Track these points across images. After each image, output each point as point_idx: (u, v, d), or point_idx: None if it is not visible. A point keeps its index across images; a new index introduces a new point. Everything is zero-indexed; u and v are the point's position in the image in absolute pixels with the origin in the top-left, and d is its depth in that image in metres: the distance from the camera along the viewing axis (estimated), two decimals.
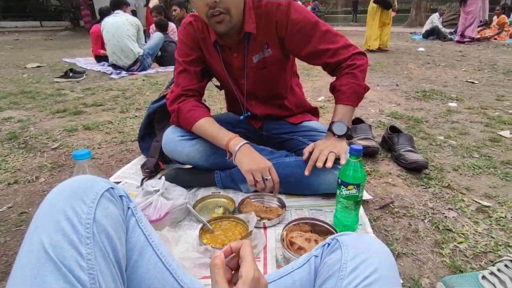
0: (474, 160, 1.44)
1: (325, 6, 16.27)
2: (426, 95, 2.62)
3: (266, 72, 1.12)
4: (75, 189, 0.50)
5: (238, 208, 1.05)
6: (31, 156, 1.54)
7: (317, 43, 1.03)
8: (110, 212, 0.51)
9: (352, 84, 1.03)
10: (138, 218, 0.56)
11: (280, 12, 1.00)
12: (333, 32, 1.05)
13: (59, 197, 0.49)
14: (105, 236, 0.48)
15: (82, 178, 0.53)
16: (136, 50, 3.73)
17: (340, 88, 1.05)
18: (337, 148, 0.99)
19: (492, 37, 7.07)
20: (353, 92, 1.03)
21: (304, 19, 1.01)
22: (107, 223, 0.49)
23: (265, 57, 1.08)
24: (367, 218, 1.02)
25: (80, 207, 0.48)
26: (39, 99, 2.61)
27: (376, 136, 1.69)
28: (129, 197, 0.57)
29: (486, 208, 1.08)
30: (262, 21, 1.02)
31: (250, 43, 1.05)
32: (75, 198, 0.48)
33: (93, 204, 0.49)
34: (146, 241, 0.56)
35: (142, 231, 0.56)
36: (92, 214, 0.48)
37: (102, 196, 0.50)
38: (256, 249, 0.85)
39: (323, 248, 0.59)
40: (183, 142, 1.13)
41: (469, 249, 0.89)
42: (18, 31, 12.36)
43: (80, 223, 0.46)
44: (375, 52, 5.37)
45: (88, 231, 0.46)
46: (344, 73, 1.05)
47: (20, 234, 0.98)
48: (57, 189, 0.51)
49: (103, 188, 0.51)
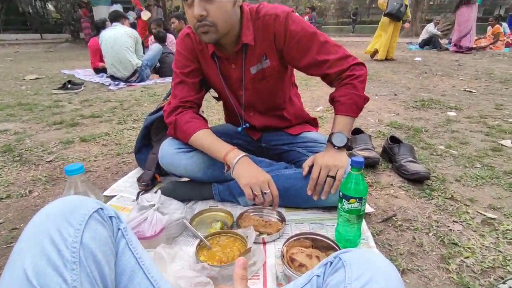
0: (477, 170, 1.42)
1: (322, 17, 16.53)
2: (425, 104, 2.61)
3: (264, 83, 1.10)
4: (63, 211, 0.48)
5: (236, 222, 1.02)
6: (26, 169, 1.50)
7: (315, 54, 1.02)
8: (99, 234, 0.48)
9: (352, 95, 1.01)
10: (128, 240, 0.54)
11: (278, 24, 0.99)
12: (332, 43, 1.05)
13: (46, 219, 0.47)
14: (93, 260, 0.46)
15: (71, 199, 0.51)
16: (134, 62, 3.75)
17: (339, 99, 1.03)
18: (336, 162, 0.97)
19: (487, 47, 7.16)
20: (352, 103, 1.02)
21: (302, 30, 1.00)
22: (95, 246, 0.47)
23: (263, 68, 1.07)
24: (370, 231, 0.99)
25: (67, 230, 0.45)
26: (36, 111, 2.59)
27: (376, 147, 1.67)
28: (120, 217, 0.54)
29: (491, 220, 1.06)
30: (260, 33, 1.02)
31: (247, 54, 1.04)
32: (62, 220, 0.46)
33: (81, 226, 0.47)
34: (137, 264, 0.53)
35: (132, 254, 0.53)
36: (79, 237, 0.45)
37: (90, 218, 0.48)
38: (255, 266, 0.82)
39: (325, 267, 0.56)
40: (180, 154, 1.11)
41: (476, 264, 0.86)
42: (19, 43, 12.45)
43: (66, 247, 0.44)
44: (383, 62, 5.45)
45: (75, 255, 0.44)
46: (343, 83, 1.03)
47: (10, 251, 0.94)
48: (44, 210, 0.48)
49: (92, 209, 0.50)
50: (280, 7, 1.02)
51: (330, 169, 0.96)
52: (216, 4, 0.87)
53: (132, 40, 3.71)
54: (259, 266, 0.83)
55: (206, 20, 0.88)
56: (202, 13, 0.86)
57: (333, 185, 0.97)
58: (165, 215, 0.92)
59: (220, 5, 0.88)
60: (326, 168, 0.97)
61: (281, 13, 0.99)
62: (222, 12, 0.89)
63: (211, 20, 0.88)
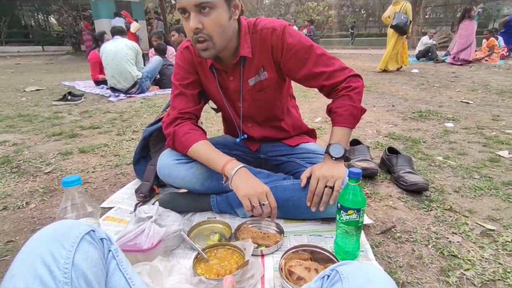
0: (475, 181, 1.42)
1: (320, 30, 16.86)
2: (422, 115, 2.63)
3: (262, 95, 1.12)
4: (55, 234, 0.50)
5: (234, 234, 1.01)
6: (23, 181, 1.50)
7: (312, 66, 1.04)
8: (90, 255, 0.50)
9: (349, 106, 1.02)
10: (119, 261, 0.55)
11: (275, 37, 1.01)
12: (328, 55, 1.06)
13: (38, 243, 0.48)
14: (84, 280, 0.47)
15: (63, 222, 0.53)
16: (134, 74, 3.78)
17: (336, 110, 1.04)
18: (334, 172, 0.97)
19: (483, 59, 7.27)
20: (349, 114, 1.03)
21: (299, 43, 1.02)
22: (86, 267, 0.48)
23: (261, 80, 1.09)
24: (369, 243, 0.98)
25: (59, 252, 0.47)
26: (36, 122, 2.60)
27: (375, 157, 1.67)
28: (111, 239, 0.56)
29: (491, 232, 1.05)
30: (257, 45, 1.04)
31: (245, 66, 1.06)
32: (54, 243, 0.48)
33: (72, 248, 0.48)
34: (127, 285, 0.54)
35: (122, 274, 0.55)
36: (71, 258, 0.47)
37: (82, 240, 0.50)
38: (253, 279, 0.81)
39: (323, 281, 0.55)
40: (179, 165, 1.11)
41: (476, 276, 0.85)
42: (20, 55, 12.59)
43: (58, 268, 0.45)
44: (380, 73, 5.61)
45: (66, 276, 0.45)
46: (340, 95, 1.05)
47: (5, 265, 0.93)
48: (37, 235, 0.50)
49: (84, 231, 0.51)
50: (277, 21, 1.04)
51: (328, 180, 0.96)
52: (211, 17, 0.89)
53: (133, 52, 3.77)
54: (257, 279, 0.82)
55: (201, 33, 0.90)
56: (198, 25, 0.88)
57: (332, 196, 0.96)
58: (163, 227, 0.92)
59: (216, 18, 0.89)
60: (324, 179, 0.97)
61: (278, 26, 1.01)
62: (217, 25, 0.90)
63: (206, 33, 0.90)
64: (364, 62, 8.02)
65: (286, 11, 26.96)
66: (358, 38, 20.41)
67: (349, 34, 22.04)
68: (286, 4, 27.69)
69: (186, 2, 0.86)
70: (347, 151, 1.02)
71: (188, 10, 0.88)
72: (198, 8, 0.87)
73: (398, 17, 5.34)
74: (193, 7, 0.86)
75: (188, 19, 0.89)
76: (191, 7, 0.87)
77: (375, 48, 16.94)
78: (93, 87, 4.47)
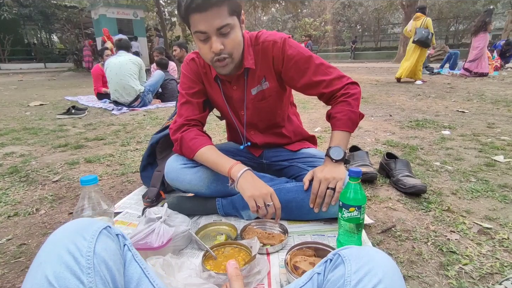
0: (472, 184, 1.46)
1: (317, 45, 17.26)
2: (419, 124, 2.70)
3: (264, 103, 1.18)
4: (76, 228, 0.54)
5: (240, 235, 1.05)
6: (32, 189, 1.54)
7: (311, 75, 1.10)
8: (109, 246, 0.55)
9: (347, 111, 1.08)
10: (134, 253, 0.60)
11: (276, 49, 1.08)
12: (326, 64, 1.13)
13: (62, 236, 0.53)
14: (105, 267, 0.51)
15: (81, 220, 0.58)
16: (137, 88, 3.87)
17: (335, 115, 1.10)
18: (335, 174, 1.02)
19: None
20: (348, 119, 1.08)
21: (298, 54, 1.09)
22: (106, 255, 0.53)
23: (263, 89, 1.15)
24: (370, 242, 1.01)
25: (81, 242, 0.52)
26: (41, 135, 2.65)
27: (374, 163, 1.72)
28: (124, 235, 0.61)
29: (488, 230, 1.09)
30: (259, 57, 1.10)
31: (249, 77, 1.12)
32: (76, 235, 0.53)
33: (93, 239, 0.53)
34: (143, 273, 0.59)
35: (138, 264, 0.59)
36: (92, 248, 0.52)
37: (100, 233, 0.55)
38: (260, 275, 0.84)
39: (326, 264, 0.59)
40: (185, 170, 1.15)
41: (474, 270, 0.89)
42: (23, 72, 12.80)
43: (81, 255, 0.50)
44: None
45: (89, 262, 0.50)
46: (339, 101, 1.11)
47: (19, 266, 0.96)
48: (59, 229, 0.55)
49: (101, 227, 0.56)
50: (278, 34, 1.11)
51: (329, 181, 1.01)
52: (231, 37, 0.95)
53: (136, 67, 3.87)
54: (263, 274, 0.85)
55: (223, 53, 0.96)
56: (221, 47, 0.94)
57: (333, 197, 1.01)
58: (172, 227, 0.95)
59: (234, 37, 0.96)
60: (325, 181, 1.01)
61: (279, 39, 1.08)
62: (236, 43, 0.97)
63: (228, 52, 0.96)
64: (361, 75, 8.18)
65: (284, 27, 27.61)
66: (356, 52, 20.85)
67: (347, 49, 22.54)
68: (283, 20, 28.38)
69: (207, 26, 0.91)
70: (346, 153, 1.07)
71: (209, 34, 0.93)
72: (220, 31, 0.92)
73: (419, 32, 5.70)
74: (215, 31, 0.92)
75: (206, 41, 0.95)
76: (213, 31, 0.92)
77: (371, 61, 17.27)
78: (96, 101, 4.56)
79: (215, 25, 0.90)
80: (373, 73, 8.89)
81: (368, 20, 25.70)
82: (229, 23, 0.92)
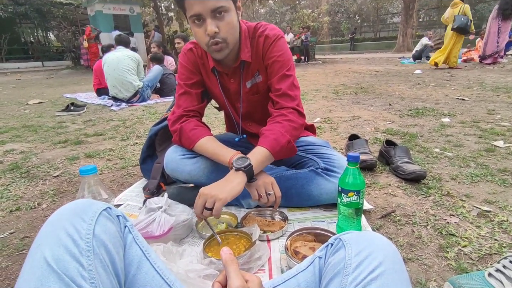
0: (471, 169, 1.46)
1: (316, 36, 17.11)
2: (419, 112, 2.69)
3: (258, 97, 1.18)
4: (75, 210, 0.53)
5: (240, 223, 1.06)
6: (33, 184, 1.55)
7: (276, 80, 1.08)
8: (108, 228, 0.54)
9: (277, 132, 1.02)
10: (135, 235, 0.59)
11: (266, 44, 1.09)
12: (295, 83, 1.11)
13: (60, 217, 0.52)
14: (105, 250, 0.51)
15: (81, 201, 0.57)
16: (135, 83, 3.86)
17: (264, 132, 1.04)
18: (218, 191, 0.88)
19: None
20: (274, 139, 1.01)
21: (280, 56, 1.08)
22: (105, 238, 0.52)
23: (257, 82, 1.15)
24: (370, 227, 1.02)
25: (80, 224, 0.51)
26: (40, 132, 2.65)
27: (374, 152, 1.72)
28: (125, 217, 0.60)
29: (487, 213, 1.09)
30: (254, 50, 1.10)
31: (244, 70, 1.12)
32: (75, 217, 0.52)
33: (92, 221, 0.52)
34: (143, 256, 0.58)
35: (139, 247, 0.59)
36: (92, 230, 0.51)
37: (100, 215, 0.54)
38: (261, 260, 0.85)
39: (327, 249, 0.59)
40: (185, 160, 1.16)
41: (473, 252, 0.89)
42: (21, 71, 12.76)
43: (81, 238, 0.49)
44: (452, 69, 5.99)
45: (88, 245, 0.49)
46: (276, 121, 1.06)
47: (22, 258, 0.97)
48: (58, 211, 0.54)
49: (101, 208, 0.55)
50: (274, 30, 1.10)
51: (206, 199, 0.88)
52: (226, 20, 0.94)
53: (134, 62, 3.85)
54: (264, 260, 0.86)
55: (218, 37, 0.95)
56: (216, 30, 0.93)
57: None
58: (173, 216, 0.96)
59: (229, 21, 0.95)
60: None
61: (272, 36, 1.08)
62: (231, 27, 0.97)
63: (222, 36, 0.96)
64: (360, 66, 8.14)
65: (282, 19, 27.37)
66: (354, 43, 20.72)
67: (345, 40, 22.37)
68: (281, 12, 28.12)
69: (202, 8, 0.90)
70: (251, 167, 0.95)
71: (204, 16, 0.92)
72: (214, 13, 0.92)
73: (458, 19, 5.68)
74: (210, 12, 0.91)
75: (201, 25, 0.94)
76: (207, 13, 0.91)
77: (370, 52, 17.16)
78: (95, 98, 4.54)
79: (209, 6, 0.90)
80: (372, 63, 8.84)
81: (367, 10, 25.46)
82: (224, 5, 0.92)
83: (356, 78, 5.59)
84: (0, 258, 0.98)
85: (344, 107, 3.14)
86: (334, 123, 2.50)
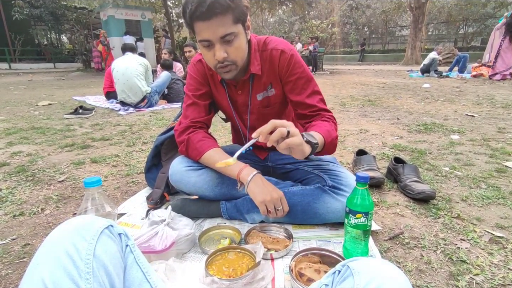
0: (482, 191, 1.42)
1: (324, 47, 17.17)
2: (428, 128, 2.65)
3: (269, 110, 1.18)
4: (76, 227, 0.52)
5: (244, 239, 1.03)
6: (38, 189, 1.54)
7: (306, 98, 1.10)
8: (109, 248, 0.53)
9: (330, 127, 1.04)
10: (136, 256, 0.58)
11: (284, 59, 1.08)
12: (321, 95, 1.13)
13: (61, 235, 0.51)
14: (104, 272, 0.49)
15: (83, 217, 0.56)
16: (144, 88, 3.89)
17: (316, 123, 1.05)
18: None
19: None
20: (327, 131, 1.00)
21: (303, 72, 1.09)
22: (106, 258, 0.51)
23: (269, 96, 1.15)
24: (377, 249, 0.99)
25: (81, 243, 0.50)
26: (48, 134, 2.67)
27: (381, 168, 1.69)
28: (128, 235, 0.59)
29: (499, 239, 1.05)
30: (267, 64, 1.10)
31: (254, 82, 1.12)
32: (76, 235, 0.50)
33: (93, 240, 0.51)
34: (144, 278, 0.57)
35: (140, 268, 0.57)
36: (92, 250, 0.50)
37: (102, 233, 0.53)
38: (264, 281, 0.82)
39: (334, 276, 0.57)
40: (190, 172, 1.14)
41: (486, 281, 0.86)
42: (32, 72, 12.99)
43: (80, 258, 0.48)
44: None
45: (88, 266, 0.48)
46: (325, 119, 1.08)
47: (23, 266, 0.96)
48: (59, 227, 0.53)
49: (103, 226, 0.54)
50: (286, 44, 1.11)
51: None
52: (235, 45, 0.94)
53: (143, 68, 3.89)
54: (267, 281, 0.83)
55: (227, 61, 0.95)
56: (224, 55, 0.93)
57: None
58: (175, 230, 0.94)
59: (238, 45, 0.95)
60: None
61: (288, 50, 1.09)
62: (240, 51, 0.97)
63: (231, 60, 0.96)
64: (368, 77, 8.13)
65: (290, 29, 27.61)
66: (369, 55, 20.78)
67: (354, 51, 22.43)
68: (290, 22, 28.37)
69: (211, 35, 0.90)
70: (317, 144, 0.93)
71: (213, 42, 0.92)
72: (223, 39, 0.91)
73: None
74: (219, 39, 0.91)
75: (210, 48, 0.94)
76: (216, 40, 0.91)
77: (378, 64, 17.15)
78: (103, 101, 4.59)
79: (218, 33, 0.90)
80: (380, 75, 8.82)
81: (376, 23, 25.56)
82: (233, 31, 0.91)
83: (364, 90, 5.57)
84: (1, 266, 0.97)
85: (351, 119, 3.12)
86: (341, 136, 2.48)
